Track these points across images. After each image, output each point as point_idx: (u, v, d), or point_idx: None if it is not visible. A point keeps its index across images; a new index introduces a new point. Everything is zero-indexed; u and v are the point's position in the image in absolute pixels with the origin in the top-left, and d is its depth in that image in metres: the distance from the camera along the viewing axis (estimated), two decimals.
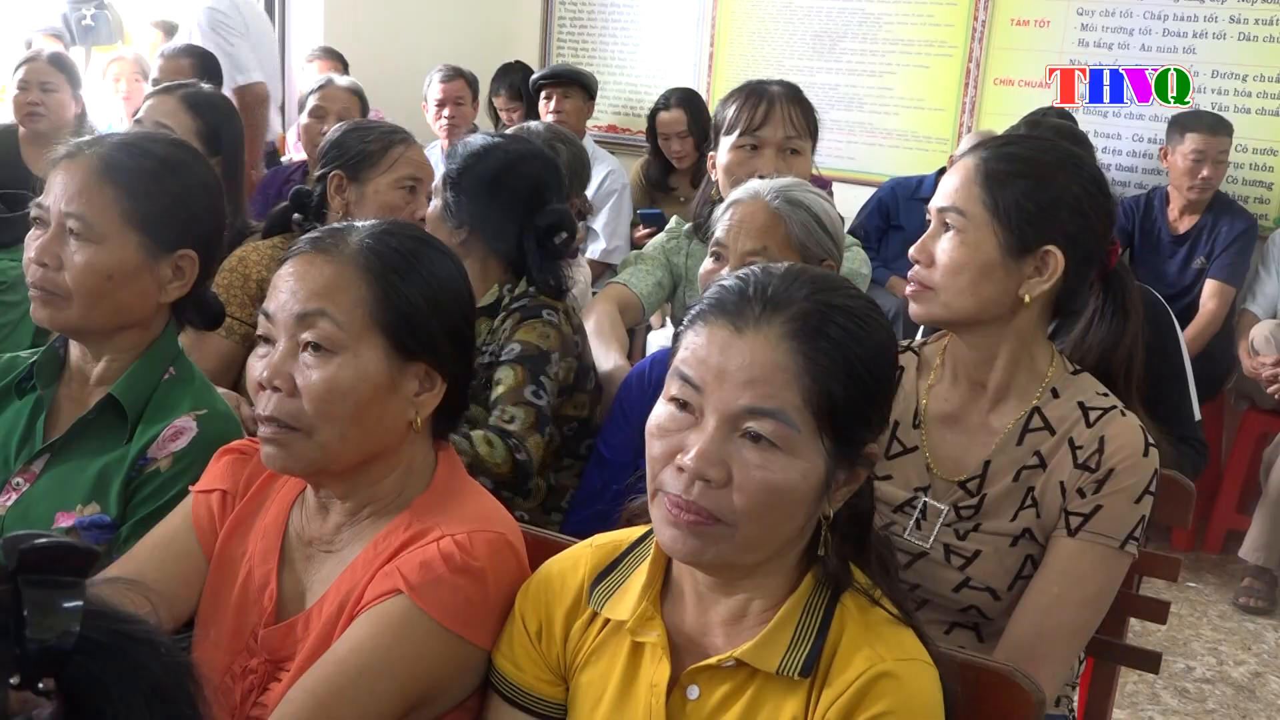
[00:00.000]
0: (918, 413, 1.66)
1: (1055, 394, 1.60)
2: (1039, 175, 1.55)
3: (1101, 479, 1.54)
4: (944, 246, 1.56)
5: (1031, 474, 1.59)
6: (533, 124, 3.08)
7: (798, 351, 1.09)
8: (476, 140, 2.33)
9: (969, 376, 1.64)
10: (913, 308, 1.61)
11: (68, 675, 0.63)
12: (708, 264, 1.99)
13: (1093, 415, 1.57)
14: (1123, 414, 1.57)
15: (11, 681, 0.62)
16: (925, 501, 1.64)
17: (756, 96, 2.53)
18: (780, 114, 2.51)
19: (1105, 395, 1.60)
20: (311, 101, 3.77)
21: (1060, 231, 1.55)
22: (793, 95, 2.56)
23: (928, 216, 1.62)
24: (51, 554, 0.63)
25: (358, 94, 3.82)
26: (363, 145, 2.48)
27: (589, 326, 2.38)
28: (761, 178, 2.43)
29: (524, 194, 2.23)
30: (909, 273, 1.61)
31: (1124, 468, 1.54)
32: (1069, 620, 1.53)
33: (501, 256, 2.23)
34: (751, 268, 1.19)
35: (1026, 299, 1.55)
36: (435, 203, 2.23)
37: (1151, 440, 1.56)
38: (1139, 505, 1.54)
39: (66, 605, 0.63)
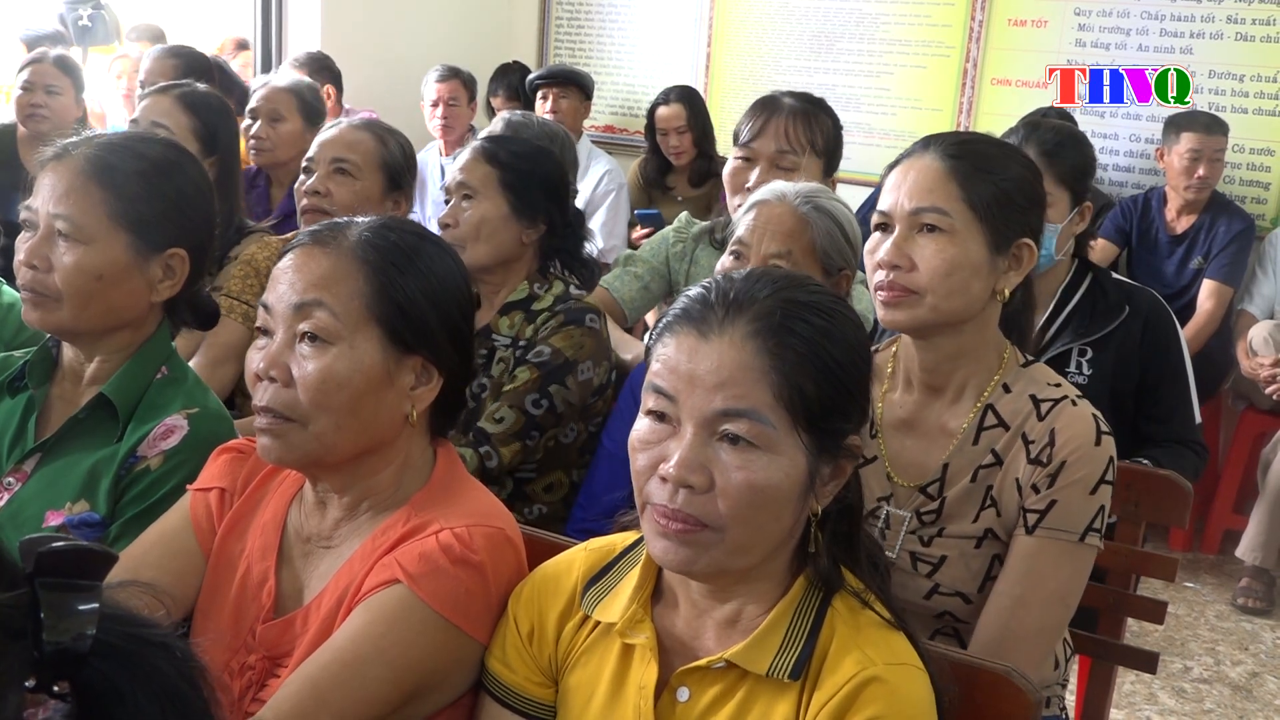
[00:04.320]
0: (873, 422, 1.63)
1: (1006, 389, 1.59)
2: (1000, 168, 1.55)
3: (1054, 473, 1.52)
4: (931, 248, 1.52)
5: (988, 473, 1.57)
6: (522, 115, 3.02)
7: (763, 350, 1.10)
8: (514, 138, 2.38)
9: (923, 381, 1.62)
10: (891, 314, 1.55)
11: (82, 678, 0.63)
12: (726, 261, 1.95)
13: (1044, 408, 1.55)
14: (1073, 403, 1.55)
15: (27, 684, 0.62)
16: (888, 510, 1.62)
17: (761, 108, 2.51)
18: (776, 127, 2.47)
19: (1057, 385, 1.58)
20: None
21: (1028, 224, 1.57)
22: (800, 109, 2.48)
23: (880, 220, 1.57)
24: (68, 557, 0.63)
25: (295, 92, 3.39)
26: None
27: None
28: (748, 189, 2.44)
29: (566, 192, 2.32)
30: (881, 279, 1.55)
31: (1075, 459, 1.51)
32: (1035, 620, 1.51)
33: (548, 252, 2.28)
34: (715, 276, 1.20)
35: (1006, 293, 1.55)
36: (484, 205, 2.20)
37: (1105, 428, 1.54)
38: (1095, 496, 1.52)
39: (82, 608, 0.63)
